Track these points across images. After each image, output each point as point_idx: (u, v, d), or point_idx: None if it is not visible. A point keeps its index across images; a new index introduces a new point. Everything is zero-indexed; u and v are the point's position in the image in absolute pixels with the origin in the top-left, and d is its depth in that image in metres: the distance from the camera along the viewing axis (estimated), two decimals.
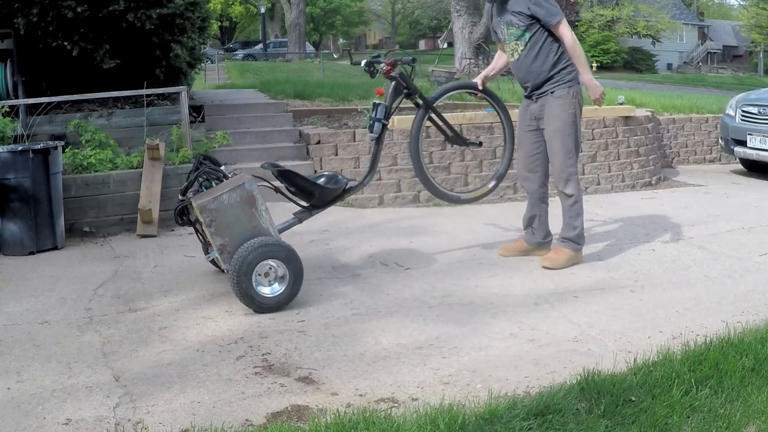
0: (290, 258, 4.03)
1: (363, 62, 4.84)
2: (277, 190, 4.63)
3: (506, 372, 3.21)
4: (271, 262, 3.99)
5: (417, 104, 4.94)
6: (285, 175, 4.59)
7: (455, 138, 5.26)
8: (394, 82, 4.75)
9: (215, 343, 3.60)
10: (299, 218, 4.67)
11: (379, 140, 4.78)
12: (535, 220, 5.06)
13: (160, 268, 4.99)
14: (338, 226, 6.08)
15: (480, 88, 5.22)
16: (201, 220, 3.98)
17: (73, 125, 6.60)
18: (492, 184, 5.33)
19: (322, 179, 4.78)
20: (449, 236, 5.75)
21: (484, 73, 5.32)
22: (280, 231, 4.39)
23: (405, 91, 4.81)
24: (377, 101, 4.76)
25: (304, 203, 4.68)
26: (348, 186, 4.74)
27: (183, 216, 4.35)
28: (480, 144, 5.48)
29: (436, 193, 5.16)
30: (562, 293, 4.28)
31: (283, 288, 4.05)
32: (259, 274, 3.99)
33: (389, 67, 4.69)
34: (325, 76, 20.21)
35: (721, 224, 6.06)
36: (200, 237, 4.57)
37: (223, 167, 4.45)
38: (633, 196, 7.44)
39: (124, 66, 7.39)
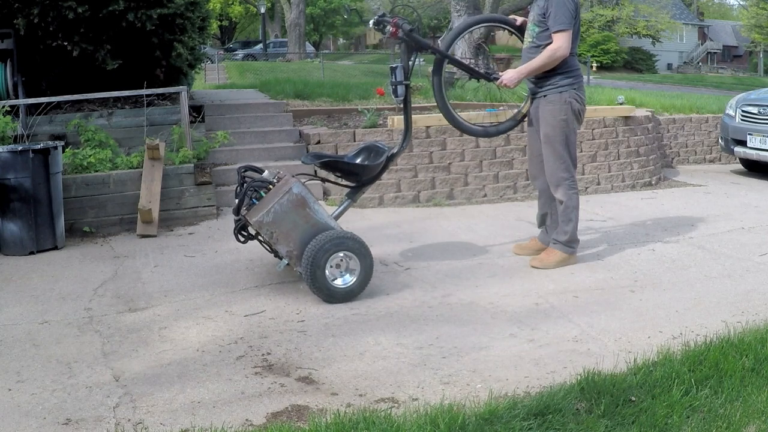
0: (359, 249, 4.17)
1: (371, 21, 4.77)
2: (324, 180, 4.81)
3: (506, 372, 3.21)
4: (340, 254, 4.14)
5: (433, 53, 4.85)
6: (328, 164, 4.71)
7: (477, 74, 5.05)
8: (404, 44, 4.65)
9: (215, 343, 3.60)
10: (352, 198, 4.75)
11: (406, 102, 4.73)
12: (548, 218, 5.08)
13: (160, 268, 4.99)
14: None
15: (518, 23, 5.00)
16: (262, 235, 4.17)
17: (73, 125, 6.60)
18: (516, 110, 5.20)
19: (362, 156, 4.79)
20: (449, 236, 5.75)
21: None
22: (337, 216, 4.53)
23: (416, 47, 4.70)
24: (394, 64, 4.68)
25: (352, 184, 4.76)
26: (390, 154, 4.77)
27: (243, 233, 4.45)
28: (496, 79, 4.88)
29: (465, 130, 5.07)
30: (562, 293, 4.28)
31: (355, 278, 4.19)
32: (331, 266, 4.12)
33: (395, 29, 4.59)
34: (325, 76, 20.22)
35: (721, 224, 6.06)
36: (266, 247, 4.60)
37: (266, 173, 4.43)
38: (633, 196, 7.44)
39: (124, 66, 7.39)
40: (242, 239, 4.48)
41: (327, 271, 4.10)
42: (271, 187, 4.25)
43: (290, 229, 4.14)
